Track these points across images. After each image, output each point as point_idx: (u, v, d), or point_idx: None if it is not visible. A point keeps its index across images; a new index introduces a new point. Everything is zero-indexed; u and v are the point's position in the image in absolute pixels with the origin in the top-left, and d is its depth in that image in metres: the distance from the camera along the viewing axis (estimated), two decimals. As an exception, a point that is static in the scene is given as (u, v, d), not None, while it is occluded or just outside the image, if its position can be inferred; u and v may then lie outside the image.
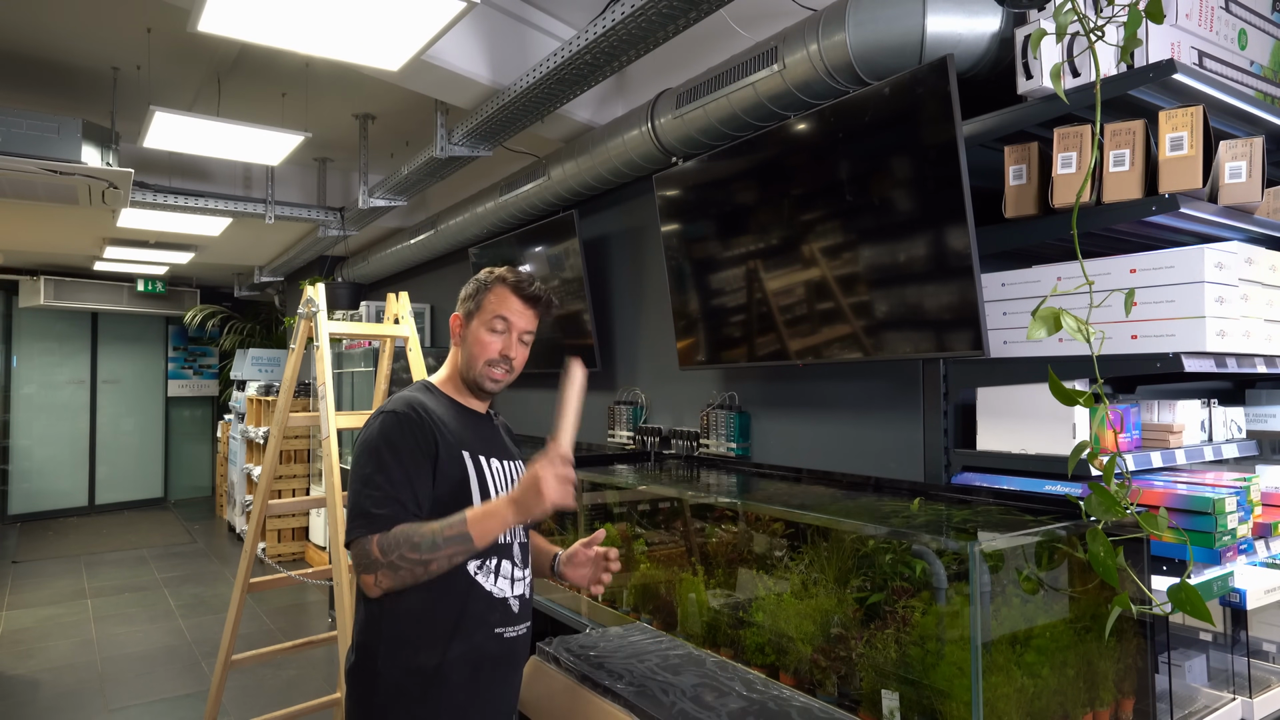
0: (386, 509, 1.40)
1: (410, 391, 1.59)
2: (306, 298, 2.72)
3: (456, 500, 1.48)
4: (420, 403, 1.53)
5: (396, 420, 1.48)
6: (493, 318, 1.59)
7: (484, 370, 1.60)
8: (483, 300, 1.62)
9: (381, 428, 1.48)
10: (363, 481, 1.44)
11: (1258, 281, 1.88)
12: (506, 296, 1.61)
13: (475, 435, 1.59)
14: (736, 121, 2.69)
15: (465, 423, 1.59)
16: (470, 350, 1.61)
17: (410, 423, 1.48)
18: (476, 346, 1.60)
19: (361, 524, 1.40)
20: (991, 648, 1.59)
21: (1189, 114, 1.78)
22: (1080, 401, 1.52)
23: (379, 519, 1.40)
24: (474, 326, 1.61)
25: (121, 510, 9.49)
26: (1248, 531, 1.76)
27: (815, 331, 2.49)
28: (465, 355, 1.62)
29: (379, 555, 1.37)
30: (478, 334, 1.60)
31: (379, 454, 1.45)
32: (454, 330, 1.66)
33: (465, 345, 1.62)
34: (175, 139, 3.69)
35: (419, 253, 5.45)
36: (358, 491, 1.44)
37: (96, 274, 8.75)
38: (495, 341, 1.59)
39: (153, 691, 3.98)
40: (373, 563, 1.38)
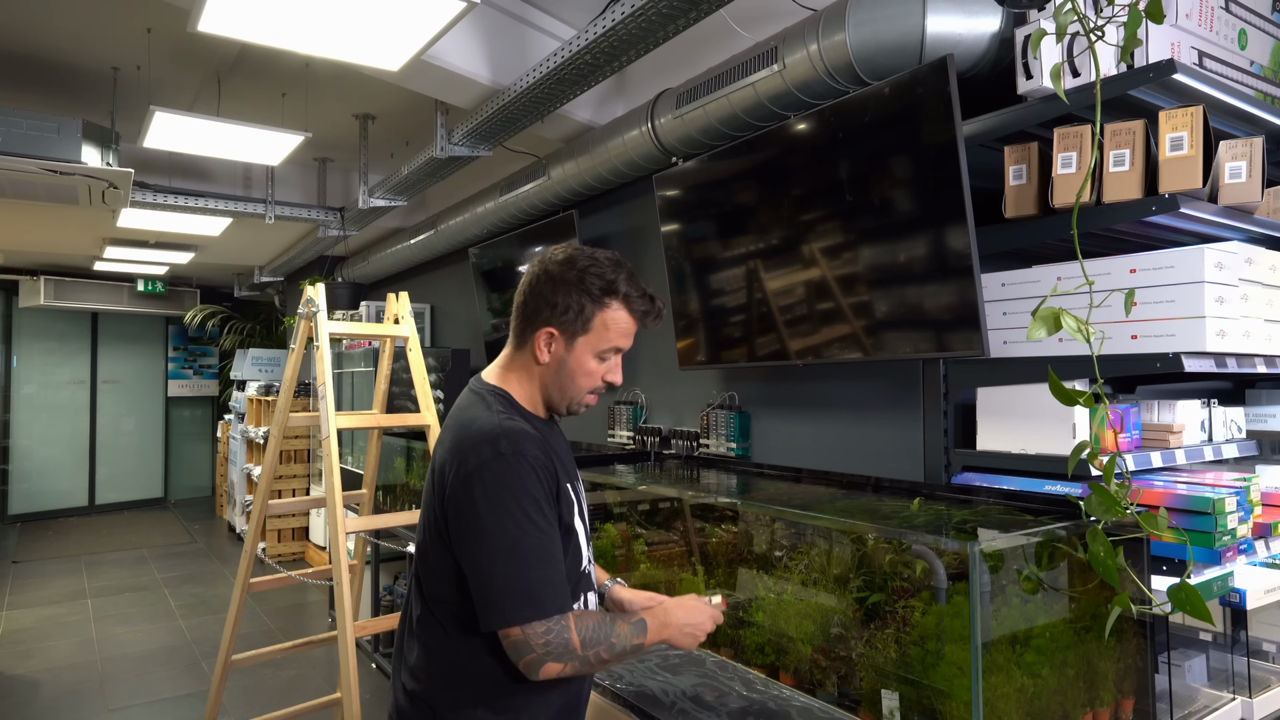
0: (564, 590, 1.23)
1: (507, 416, 1.30)
2: (306, 298, 2.72)
3: (572, 546, 1.33)
4: (535, 435, 1.28)
5: (528, 467, 1.23)
6: (607, 348, 1.34)
7: (584, 399, 1.38)
8: (593, 320, 1.33)
9: (515, 477, 1.22)
10: (516, 551, 1.20)
11: (1258, 281, 1.88)
12: (622, 318, 1.34)
13: (565, 456, 1.40)
14: (736, 121, 2.69)
15: (554, 441, 1.38)
16: (572, 378, 1.35)
17: (543, 469, 1.25)
18: (583, 376, 1.35)
19: (546, 606, 1.20)
20: (991, 647, 1.59)
21: (1189, 114, 1.78)
22: (1080, 401, 1.52)
23: (562, 599, 1.22)
24: (579, 351, 1.33)
25: (122, 510, 9.49)
26: (1248, 531, 1.76)
27: (815, 331, 2.49)
28: (558, 380, 1.35)
29: (579, 648, 1.21)
30: (584, 361, 1.34)
31: (526, 514, 1.21)
32: (540, 344, 1.34)
33: (562, 369, 1.35)
34: (175, 139, 3.69)
35: (419, 253, 5.45)
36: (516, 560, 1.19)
37: (96, 274, 8.75)
38: (601, 369, 1.36)
39: (153, 691, 3.98)
40: (569, 653, 1.21)
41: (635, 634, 1.29)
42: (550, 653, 1.20)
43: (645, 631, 1.30)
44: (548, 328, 1.33)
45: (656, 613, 1.34)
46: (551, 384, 1.36)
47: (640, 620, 1.31)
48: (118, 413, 9.66)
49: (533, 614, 1.19)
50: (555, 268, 1.34)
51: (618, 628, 1.27)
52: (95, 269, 8.26)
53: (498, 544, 1.20)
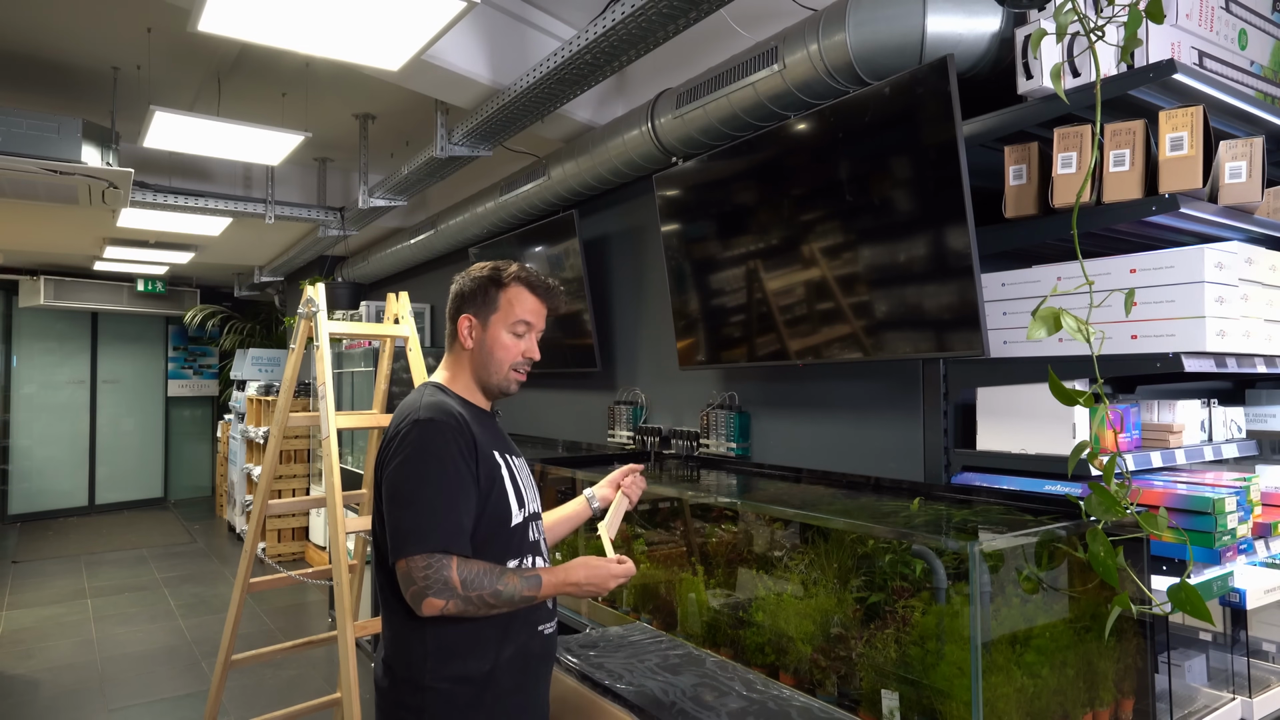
0: (453, 530, 1.37)
1: (432, 396, 1.51)
2: (306, 297, 2.72)
3: (494, 497, 1.47)
4: (450, 406, 1.48)
5: (435, 429, 1.42)
6: (515, 321, 1.55)
7: (508, 375, 1.57)
8: (498, 300, 1.56)
9: (422, 438, 1.41)
10: (413, 496, 1.38)
11: (1258, 281, 1.88)
12: (525, 296, 1.57)
13: (494, 435, 1.56)
14: (737, 121, 2.69)
15: (483, 423, 1.54)
16: (492, 354, 1.55)
17: (450, 430, 1.43)
18: (500, 350, 1.55)
19: (428, 542, 1.35)
20: (991, 647, 1.59)
21: (1189, 114, 1.78)
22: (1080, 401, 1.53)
23: (448, 539, 1.36)
24: (494, 329, 1.55)
25: (121, 510, 9.49)
26: (1247, 531, 1.76)
27: (815, 331, 2.49)
28: (482, 359, 1.56)
29: (458, 585, 1.35)
30: (498, 337, 1.55)
31: (428, 467, 1.39)
32: (463, 332, 1.57)
33: (482, 348, 1.56)
34: (175, 139, 3.69)
35: (419, 253, 5.45)
36: (412, 505, 1.38)
37: (96, 274, 8.75)
38: (518, 344, 1.56)
39: (153, 691, 3.98)
40: (448, 589, 1.34)
41: (526, 586, 1.41)
42: (429, 587, 1.34)
43: (539, 586, 1.42)
44: (465, 315, 1.57)
45: (556, 570, 1.46)
46: (479, 365, 1.56)
47: (535, 575, 1.43)
48: (118, 412, 9.66)
49: (415, 548, 1.34)
50: (469, 273, 1.61)
51: (506, 578, 1.39)
52: (95, 269, 8.27)
53: (403, 491, 1.39)
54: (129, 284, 8.98)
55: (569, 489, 2.99)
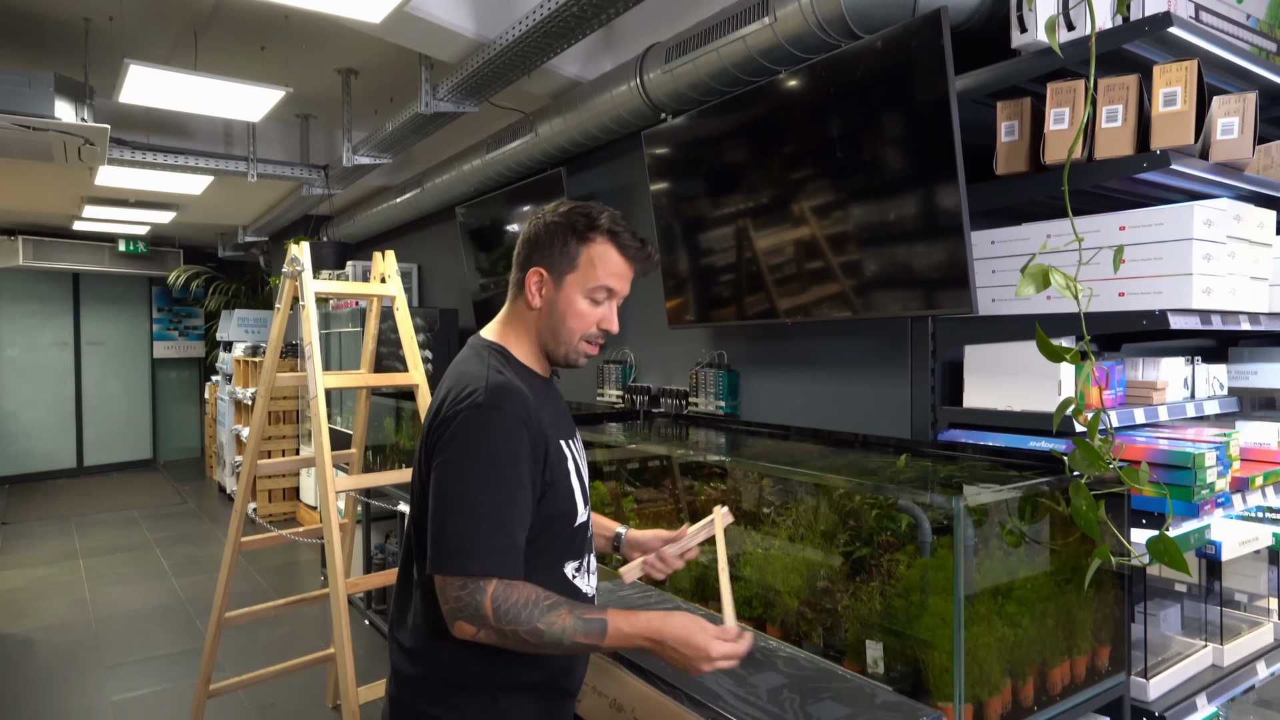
0: (500, 550, 1.17)
1: (495, 369, 1.27)
2: (291, 256, 2.69)
3: (560, 496, 1.29)
4: (517, 389, 1.25)
5: (503, 422, 1.20)
6: (595, 286, 1.30)
7: (580, 346, 1.33)
8: (580, 257, 1.30)
9: (483, 431, 1.19)
10: (464, 501, 1.18)
11: (1245, 239, 1.88)
12: (611, 256, 1.30)
13: (558, 414, 1.36)
14: (727, 76, 2.64)
15: (546, 399, 1.33)
16: (564, 320, 1.31)
17: (516, 423, 1.21)
18: (574, 319, 1.31)
19: (469, 563, 1.16)
20: (974, 599, 1.63)
21: (1183, 68, 1.76)
22: (1066, 358, 1.54)
23: (494, 561, 1.17)
24: (568, 291, 1.30)
25: (110, 472, 9.48)
26: (1226, 485, 1.80)
27: (804, 290, 2.48)
28: (551, 324, 1.32)
29: (490, 616, 1.15)
30: (574, 302, 1.30)
31: (484, 468, 1.18)
32: (531, 287, 1.32)
33: (553, 312, 1.31)
34: (152, 94, 3.60)
35: (405, 211, 5.38)
36: (460, 515, 1.18)
37: (76, 234, 8.59)
38: (595, 313, 1.31)
39: (148, 649, 4.02)
40: (479, 619, 1.16)
41: (583, 630, 1.17)
42: (460, 610, 1.17)
43: (602, 633, 1.18)
44: (536, 268, 1.32)
45: (636, 617, 1.21)
46: (545, 330, 1.33)
47: (600, 620, 1.19)
48: (103, 374, 9.58)
49: (454, 567, 1.16)
50: (544, 215, 1.34)
51: (554, 616, 1.17)
52: (74, 229, 8.11)
53: (451, 491, 1.19)
54: (110, 244, 8.83)
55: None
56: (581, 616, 1.18)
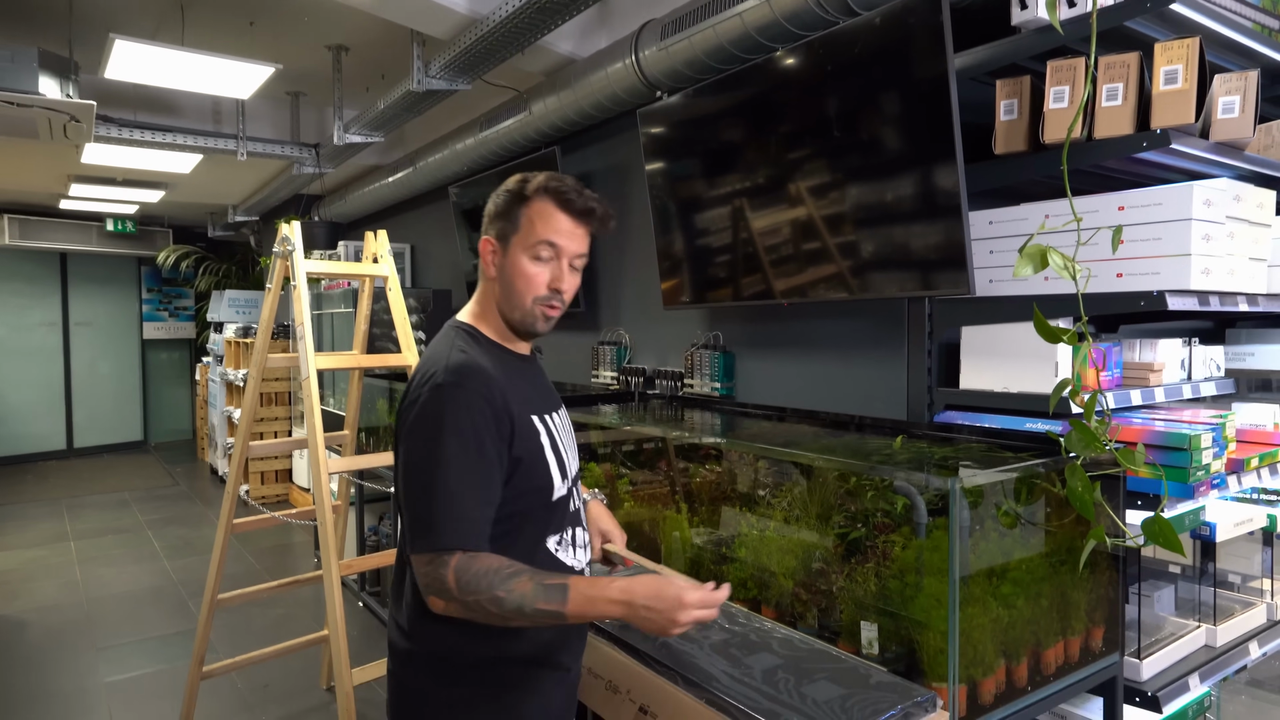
0: (463, 525, 1.18)
1: (458, 350, 1.28)
2: (282, 236, 2.65)
3: (533, 470, 1.29)
4: (479, 367, 1.25)
5: (458, 397, 1.21)
6: (538, 243, 1.29)
7: (533, 309, 1.32)
8: (520, 218, 1.30)
9: (447, 408, 1.20)
10: (428, 480, 1.19)
11: (1244, 219, 1.87)
12: (552, 213, 1.29)
13: (533, 390, 1.35)
14: (723, 54, 2.61)
15: (521, 375, 1.35)
16: (512, 285, 1.31)
17: (478, 400, 1.21)
18: (520, 280, 1.30)
19: (432, 538, 1.18)
20: (969, 580, 1.63)
21: (1185, 46, 1.74)
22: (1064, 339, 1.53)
23: (455, 535, 1.18)
24: (514, 253, 1.30)
25: (101, 454, 9.43)
26: (1221, 467, 1.80)
27: (801, 271, 2.46)
28: (506, 290, 1.32)
29: (454, 588, 1.16)
30: (519, 264, 1.30)
31: (444, 445, 1.19)
32: (485, 258, 1.34)
33: (504, 277, 1.32)
34: (138, 70, 3.54)
35: (397, 191, 5.33)
36: (423, 491, 1.20)
37: (63, 213, 8.48)
38: (543, 273, 1.30)
39: (140, 630, 4.01)
40: (445, 592, 1.17)
41: (544, 597, 1.16)
42: (429, 585, 1.19)
43: (564, 598, 1.16)
44: (486, 238, 1.34)
45: (598, 581, 1.21)
46: (502, 298, 1.34)
47: (559, 585, 1.17)
48: (92, 355, 9.50)
49: (420, 544, 1.19)
50: (498, 188, 1.37)
51: (516, 583, 1.16)
52: (61, 207, 8.01)
53: (413, 471, 1.21)
54: (98, 224, 8.72)
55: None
56: (542, 583, 1.17)
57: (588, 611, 1.18)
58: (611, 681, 1.69)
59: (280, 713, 3.17)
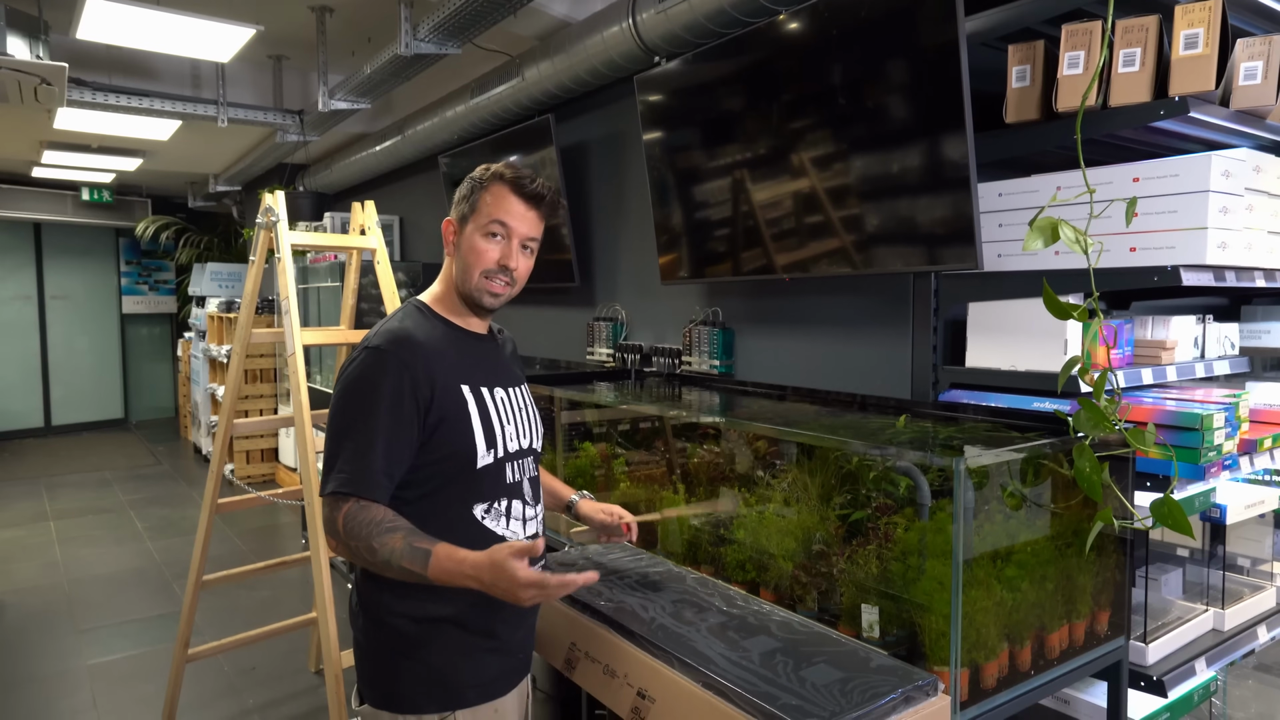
0: (361, 474, 1.29)
1: (398, 320, 1.42)
2: (265, 206, 2.56)
3: (453, 436, 1.37)
4: (408, 335, 1.38)
5: (380, 360, 1.33)
6: (489, 222, 1.41)
7: (480, 283, 1.43)
8: (477, 201, 1.43)
9: (363, 369, 1.34)
10: (340, 432, 1.33)
11: (1264, 191, 1.82)
12: (504, 196, 1.42)
13: (474, 363, 1.45)
14: (724, 17, 2.52)
15: (463, 349, 1.45)
16: (465, 260, 1.43)
17: (397, 363, 1.33)
18: (471, 255, 1.42)
19: (333, 482, 1.31)
20: (972, 563, 1.59)
21: (1206, 8, 1.68)
22: (1074, 316, 1.48)
23: (351, 482, 1.29)
24: (468, 232, 1.43)
25: (80, 432, 9.29)
26: (1233, 448, 1.76)
27: (803, 245, 2.40)
28: (460, 266, 1.45)
29: (341, 531, 1.29)
30: (472, 241, 1.42)
31: (359, 402, 1.32)
32: (447, 237, 1.47)
33: (460, 255, 1.45)
34: (112, 30, 3.40)
35: (385, 160, 5.21)
36: (334, 442, 1.33)
37: (36, 181, 8.26)
38: (492, 249, 1.42)
39: (123, 612, 3.95)
40: (335, 533, 1.30)
41: (409, 556, 1.25)
42: (325, 528, 1.33)
43: (424, 564, 1.25)
44: (448, 219, 1.47)
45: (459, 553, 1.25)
46: (458, 274, 1.45)
47: (424, 550, 1.25)
48: (70, 330, 9.31)
49: (326, 488, 1.31)
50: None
51: (388, 538, 1.26)
52: (34, 175, 7.80)
53: (331, 423, 1.35)
54: (73, 193, 8.51)
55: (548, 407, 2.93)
56: (412, 544, 1.26)
57: (447, 580, 1.26)
58: (609, 665, 1.66)
59: (267, 696, 3.12)
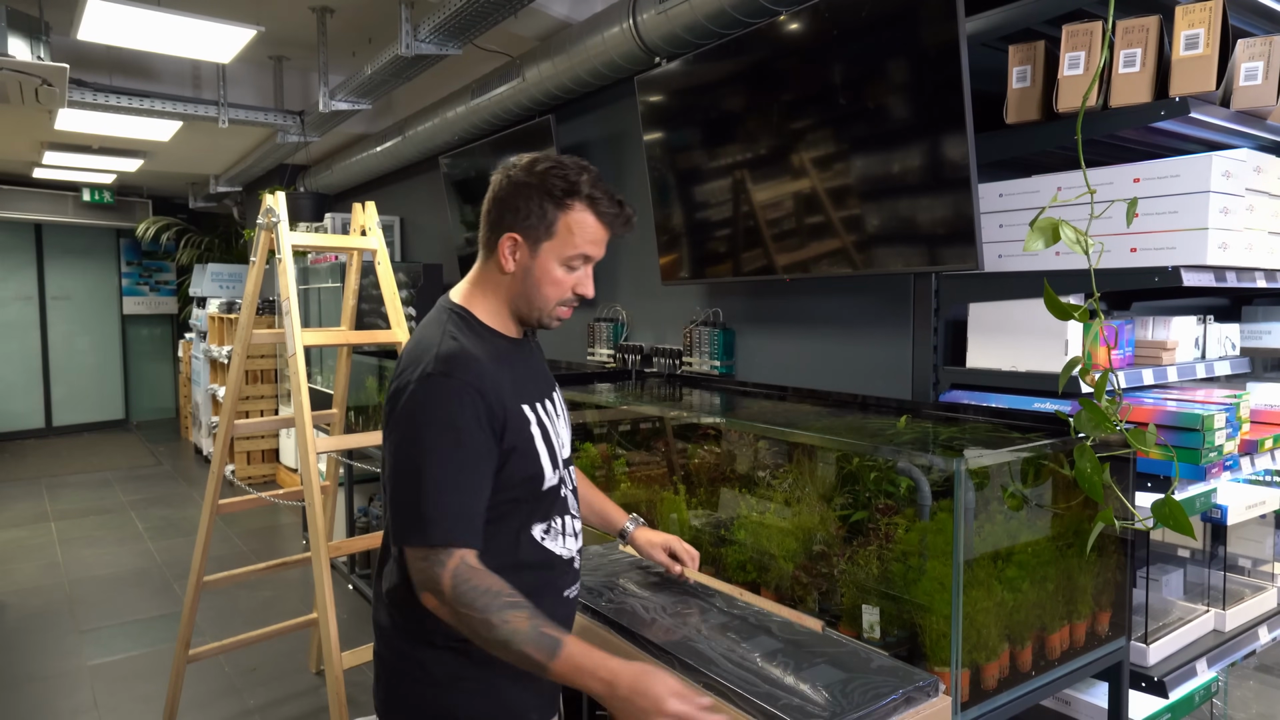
0: (460, 520, 1.16)
1: (451, 335, 1.25)
2: (266, 207, 2.56)
3: (525, 461, 1.27)
4: (474, 358, 1.23)
5: (450, 391, 1.18)
6: (573, 255, 1.27)
7: (553, 312, 1.31)
8: (556, 224, 1.25)
9: (433, 396, 1.18)
10: (417, 471, 1.16)
11: (1265, 191, 1.82)
12: (589, 223, 1.26)
13: (527, 378, 1.33)
14: (725, 18, 2.52)
15: (515, 363, 1.32)
16: (538, 288, 1.28)
17: (472, 391, 1.19)
18: (549, 286, 1.28)
19: (427, 533, 1.15)
20: (973, 563, 1.59)
21: (1207, 9, 1.68)
22: (1075, 316, 1.48)
23: (452, 530, 1.16)
24: (544, 258, 1.26)
25: (81, 432, 9.28)
26: (1234, 448, 1.76)
27: (803, 245, 2.40)
28: (525, 290, 1.29)
29: (449, 593, 1.14)
30: (549, 269, 1.27)
31: (437, 435, 1.17)
32: (504, 253, 1.27)
33: (528, 278, 1.28)
34: (113, 31, 3.40)
35: (386, 161, 5.21)
36: (412, 480, 1.17)
37: (37, 182, 8.26)
38: (570, 278, 1.29)
39: (124, 613, 3.94)
40: (439, 593, 1.15)
41: (534, 642, 1.12)
42: (424, 583, 1.17)
43: (553, 654, 1.11)
44: (510, 233, 1.27)
45: (594, 653, 1.13)
46: (519, 295, 1.30)
47: (554, 639, 1.12)
48: (71, 331, 9.30)
49: (414, 538, 1.17)
50: (517, 172, 1.28)
51: (514, 619, 1.12)
52: (35, 176, 7.80)
53: (405, 464, 1.18)
54: (74, 194, 8.51)
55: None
56: (539, 628, 1.13)
57: (571, 677, 1.13)
58: (609, 667, 1.66)
59: (268, 696, 3.12)
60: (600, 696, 1.13)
